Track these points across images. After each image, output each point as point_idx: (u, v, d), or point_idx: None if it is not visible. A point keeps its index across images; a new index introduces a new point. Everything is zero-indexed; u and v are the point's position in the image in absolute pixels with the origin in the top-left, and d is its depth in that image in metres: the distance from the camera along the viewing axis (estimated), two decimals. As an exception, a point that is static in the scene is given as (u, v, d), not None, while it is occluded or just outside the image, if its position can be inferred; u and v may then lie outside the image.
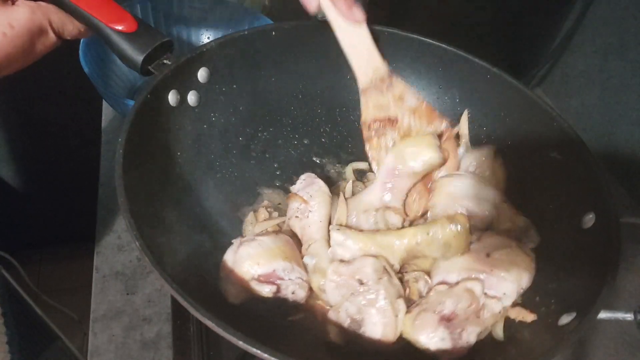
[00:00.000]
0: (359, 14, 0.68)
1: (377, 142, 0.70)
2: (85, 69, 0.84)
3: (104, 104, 1.01)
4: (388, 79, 0.71)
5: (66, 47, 0.61)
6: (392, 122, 0.70)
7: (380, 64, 0.71)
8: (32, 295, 0.99)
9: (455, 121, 0.78)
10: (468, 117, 0.77)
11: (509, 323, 0.60)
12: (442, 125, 0.72)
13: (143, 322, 0.71)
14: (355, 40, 0.70)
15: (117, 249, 0.79)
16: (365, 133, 0.70)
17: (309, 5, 0.67)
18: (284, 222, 0.69)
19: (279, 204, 0.74)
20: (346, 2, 0.67)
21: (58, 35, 0.57)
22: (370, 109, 0.70)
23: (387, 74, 0.71)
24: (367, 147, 0.70)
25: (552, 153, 0.67)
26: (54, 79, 1.38)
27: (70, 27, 0.58)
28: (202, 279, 0.58)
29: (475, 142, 0.76)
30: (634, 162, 0.97)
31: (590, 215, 0.58)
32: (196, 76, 0.68)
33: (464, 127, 0.77)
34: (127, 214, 0.48)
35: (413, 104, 0.71)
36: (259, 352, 0.42)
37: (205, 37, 1.07)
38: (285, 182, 0.76)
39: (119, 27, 0.58)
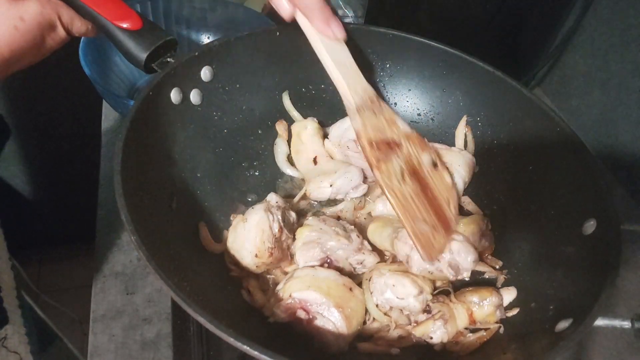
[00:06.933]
0: (338, 30, 0.62)
1: (385, 168, 0.62)
2: (86, 70, 0.84)
3: (104, 104, 1.01)
4: (377, 100, 0.66)
5: (66, 47, 0.61)
6: (392, 146, 0.64)
7: (366, 83, 0.66)
8: (32, 295, 0.99)
9: (455, 124, 0.78)
10: (468, 121, 0.77)
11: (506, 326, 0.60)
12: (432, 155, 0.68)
13: (143, 322, 0.71)
14: (339, 57, 0.64)
15: (117, 249, 0.79)
16: (369, 154, 0.62)
17: (282, 11, 0.61)
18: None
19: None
20: (323, 16, 0.61)
21: (67, 31, 0.58)
22: (368, 129, 0.63)
23: (375, 94, 0.67)
24: (376, 175, 0.61)
25: (555, 157, 0.67)
26: (54, 79, 1.38)
27: (79, 23, 0.58)
28: (200, 276, 0.58)
29: (481, 147, 0.76)
30: (634, 162, 0.97)
31: (592, 222, 0.58)
32: (199, 75, 0.68)
33: (459, 136, 0.77)
34: (124, 209, 0.48)
35: (407, 130, 0.67)
36: (256, 353, 0.42)
37: (205, 37, 1.07)
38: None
39: (124, 25, 0.58)
